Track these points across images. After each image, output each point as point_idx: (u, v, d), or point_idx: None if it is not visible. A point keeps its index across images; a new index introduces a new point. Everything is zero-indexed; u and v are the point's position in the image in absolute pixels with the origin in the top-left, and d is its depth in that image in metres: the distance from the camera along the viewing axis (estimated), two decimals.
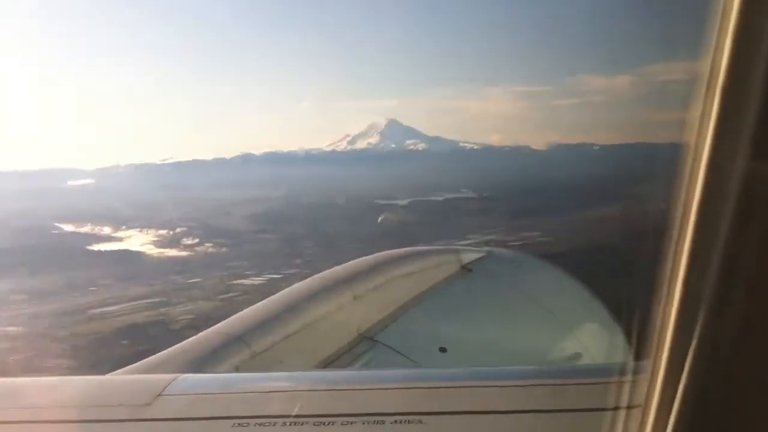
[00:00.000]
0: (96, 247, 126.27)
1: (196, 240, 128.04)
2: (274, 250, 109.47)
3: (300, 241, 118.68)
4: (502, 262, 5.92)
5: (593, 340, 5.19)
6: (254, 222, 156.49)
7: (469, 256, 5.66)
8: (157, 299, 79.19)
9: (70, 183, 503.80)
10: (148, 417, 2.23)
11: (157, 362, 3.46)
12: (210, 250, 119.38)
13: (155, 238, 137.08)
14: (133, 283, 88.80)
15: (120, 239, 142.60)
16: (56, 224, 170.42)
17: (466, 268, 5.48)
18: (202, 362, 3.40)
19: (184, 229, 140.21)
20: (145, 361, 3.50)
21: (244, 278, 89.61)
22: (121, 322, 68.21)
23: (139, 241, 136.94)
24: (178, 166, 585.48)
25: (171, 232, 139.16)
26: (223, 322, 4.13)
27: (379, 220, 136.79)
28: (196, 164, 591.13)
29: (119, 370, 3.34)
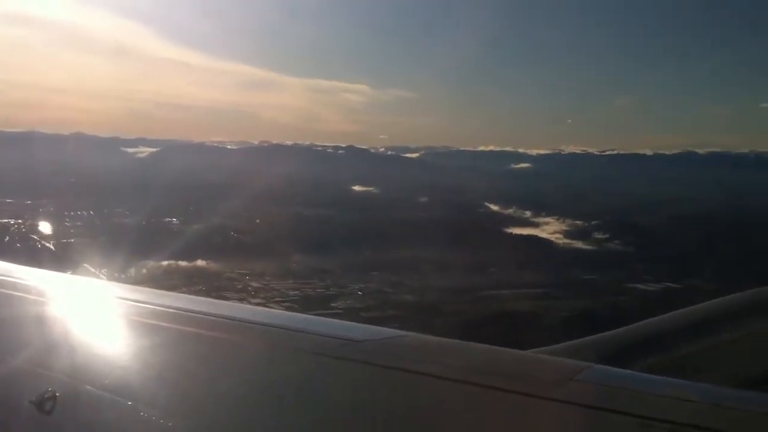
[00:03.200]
0: (510, 229, 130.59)
1: (607, 235, 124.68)
2: (683, 257, 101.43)
3: (718, 250, 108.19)
4: None
5: None
6: (674, 224, 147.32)
7: None
8: (545, 290, 78.80)
9: (512, 166, 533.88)
10: (557, 398, 2.37)
11: (574, 347, 3.56)
12: (617, 247, 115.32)
13: (568, 228, 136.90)
14: (529, 271, 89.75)
15: (536, 225, 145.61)
16: (485, 203, 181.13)
17: None
18: (618, 356, 3.43)
19: (600, 222, 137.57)
20: (562, 344, 3.62)
21: (641, 283, 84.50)
22: (502, 308, 69.21)
23: (552, 228, 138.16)
24: (617, 158, 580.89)
25: (586, 224, 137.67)
26: (647, 320, 4.08)
27: None
28: (635, 158, 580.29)
29: (537, 349, 3.48)
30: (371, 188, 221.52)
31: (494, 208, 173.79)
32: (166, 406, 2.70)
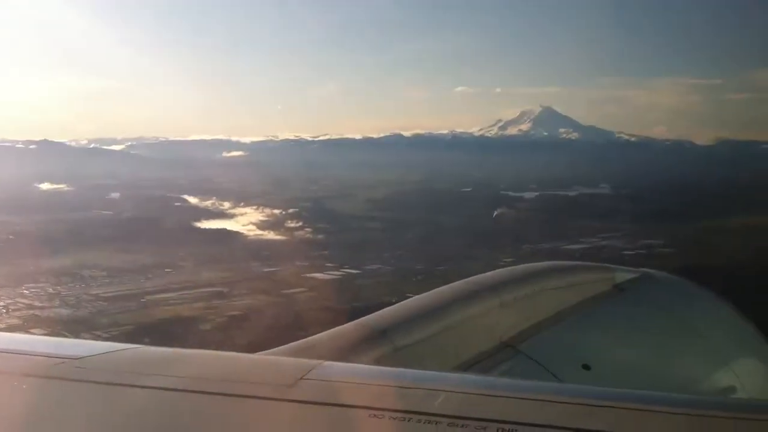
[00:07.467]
0: (201, 224, 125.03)
1: (300, 224, 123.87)
2: (370, 242, 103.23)
3: (402, 233, 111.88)
4: (658, 285, 5.65)
5: (750, 374, 4.88)
6: (370, 207, 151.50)
7: (623, 276, 5.47)
8: (220, 289, 75.06)
9: (225, 154, 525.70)
10: (289, 398, 2.38)
11: (302, 347, 3.56)
12: (307, 235, 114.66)
13: (264, 218, 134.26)
14: (208, 268, 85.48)
15: (230, 216, 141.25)
16: (183, 196, 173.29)
17: (619, 287, 5.35)
18: (345, 352, 3.48)
19: (297, 210, 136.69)
20: (291, 344, 3.58)
21: (321, 271, 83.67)
22: (164, 313, 64.52)
23: (246, 219, 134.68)
24: (329, 143, 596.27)
25: (282, 213, 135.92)
26: (370, 315, 4.06)
27: (494, 215, 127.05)
28: (346, 142, 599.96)
29: (265, 351, 3.38)
30: (62, 186, 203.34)
31: (192, 200, 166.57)
32: None
